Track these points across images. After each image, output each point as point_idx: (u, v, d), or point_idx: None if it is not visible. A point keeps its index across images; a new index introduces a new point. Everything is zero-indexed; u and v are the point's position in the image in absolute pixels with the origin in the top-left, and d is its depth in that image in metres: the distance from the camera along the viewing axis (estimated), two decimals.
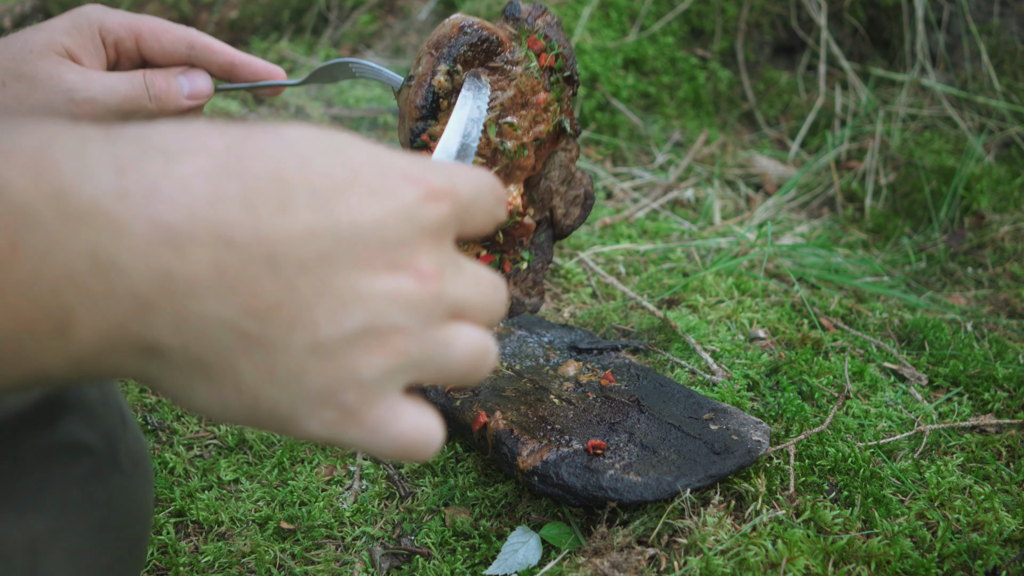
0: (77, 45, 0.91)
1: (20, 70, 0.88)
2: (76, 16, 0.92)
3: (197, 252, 0.40)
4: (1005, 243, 1.63)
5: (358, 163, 0.45)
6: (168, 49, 0.94)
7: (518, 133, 0.99)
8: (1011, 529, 0.93)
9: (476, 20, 0.96)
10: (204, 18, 2.24)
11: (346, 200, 0.44)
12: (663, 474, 0.92)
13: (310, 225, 0.43)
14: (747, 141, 2.03)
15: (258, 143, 0.44)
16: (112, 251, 0.39)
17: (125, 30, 0.93)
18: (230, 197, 0.41)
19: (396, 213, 0.45)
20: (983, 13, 2.01)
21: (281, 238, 0.42)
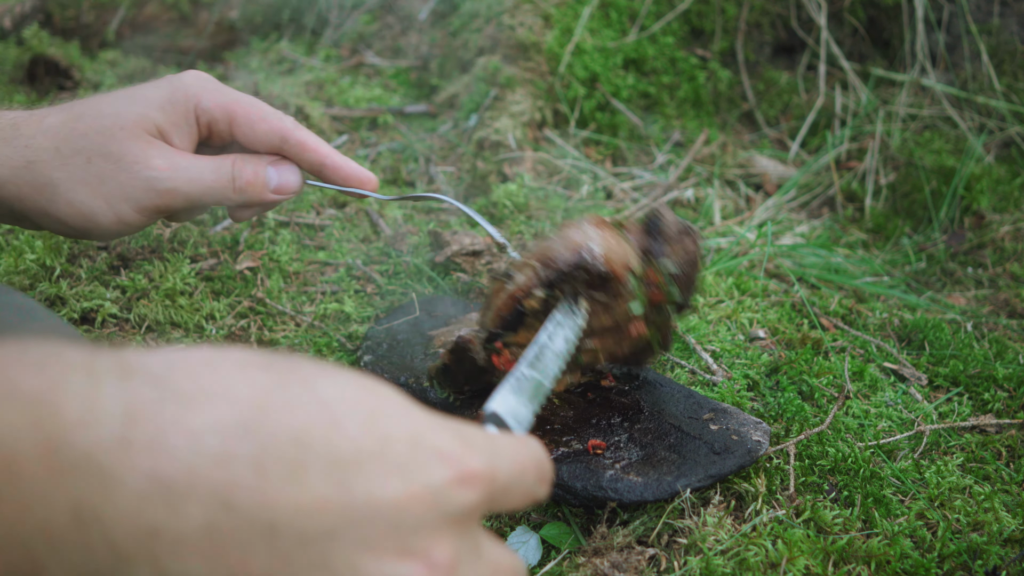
0: (170, 123, 0.87)
1: (107, 148, 0.84)
2: (174, 90, 0.88)
3: (191, 510, 0.38)
4: (1005, 243, 1.63)
5: (391, 433, 0.42)
6: (261, 138, 0.90)
7: (598, 353, 0.93)
8: (1011, 529, 0.93)
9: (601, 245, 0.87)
10: (204, 18, 2.24)
11: (367, 474, 0.41)
12: (663, 474, 0.92)
13: (321, 497, 0.39)
14: (747, 141, 2.03)
15: (289, 397, 0.41)
16: (98, 505, 0.37)
17: (220, 112, 0.89)
18: (241, 457, 0.39)
19: (419, 495, 0.41)
20: (983, 13, 2.01)
21: (286, 507, 0.39)
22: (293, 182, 0.93)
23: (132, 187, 0.85)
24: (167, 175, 0.86)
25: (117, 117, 0.85)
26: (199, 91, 0.89)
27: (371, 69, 2.09)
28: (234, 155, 0.90)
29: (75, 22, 2.23)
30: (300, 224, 1.47)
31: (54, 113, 0.86)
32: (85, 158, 0.84)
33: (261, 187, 0.91)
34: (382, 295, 1.34)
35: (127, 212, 0.86)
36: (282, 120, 0.91)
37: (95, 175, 0.84)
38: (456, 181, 1.71)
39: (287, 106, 1.77)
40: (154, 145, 0.86)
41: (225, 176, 0.88)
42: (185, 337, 1.22)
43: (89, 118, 0.85)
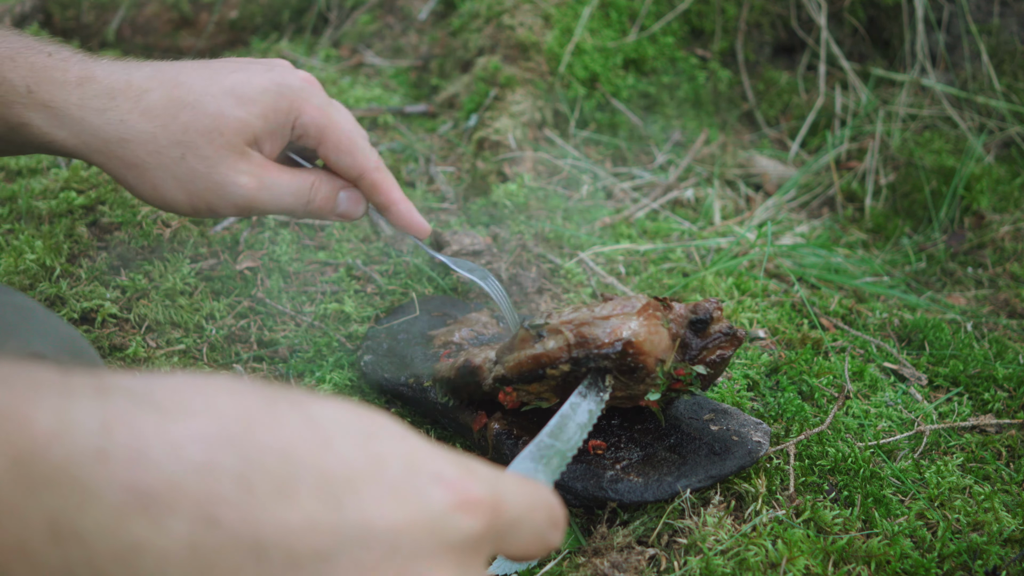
0: (267, 132, 0.90)
1: (204, 151, 0.87)
2: (279, 97, 0.90)
3: (174, 525, 0.35)
4: (1005, 243, 1.63)
5: (386, 454, 0.40)
6: (342, 168, 0.95)
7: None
8: (1011, 529, 0.93)
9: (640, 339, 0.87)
10: (204, 18, 2.24)
11: (361, 495, 0.38)
12: (663, 474, 0.92)
13: (311, 517, 0.37)
14: (747, 141, 2.03)
15: (277, 414, 0.39)
16: (76, 520, 0.35)
17: (315, 131, 0.92)
18: (225, 470, 0.36)
19: (416, 520, 0.39)
20: (983, 13, 2.01)
21: (274, 526, 0.37)
22: (358, 212, 0.99)
23: (216, 193, 0.89)
24: (252, 194, 0.90)
25: (219, 119, 0.87)
26: (303, 104, 0.91)
27: (371, 69, 2.09)
28: (313, 176, 0.95)
29: (75, 22, 2.23)
30: (300, 224, 1.47)
31: (155, 89, 0.86)
32: (180, 153, 0.87)
33: (329, 211, 0.97)
34: (382, 295, 1.34)
35: (203, 209, 0.91)
36: (365, 158, 0.95)
37: (186, 171, 0.87)
38: (456, 181, 1.71)
39: None
40: (246, 158, 0.89)
41: (303, 198, 0.93)
42: (185, 337, 1.23)
43: (191, 111, 0.86)
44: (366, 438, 0.40)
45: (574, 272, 1.41)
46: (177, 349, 1.21)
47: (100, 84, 0.85)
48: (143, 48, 2.23)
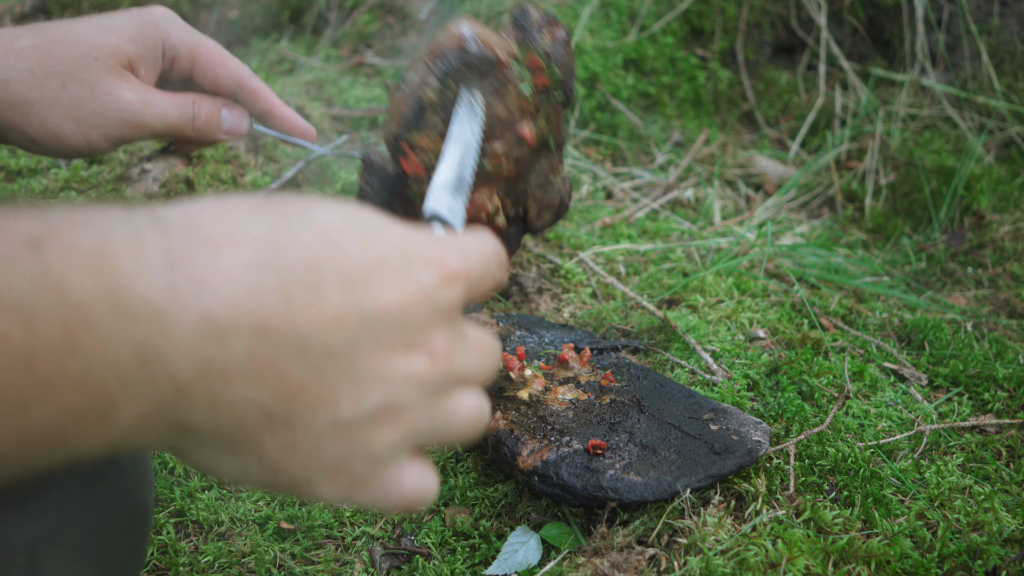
0: (139, 56, 0.93)
1: (82, 75, 0.90)
2: (144, 24, 0.94)
3: (236, 342, 0.43)
4: (1005, 243, 1.63)
5: (384, 248, 0.48)
6: (220, 81, 0.98)
7: (500, 157, 0.98)
8: (1011, 529, 0.93)
9: (479, 33, 0.94)
10: (204, 18, 2.24)
11: (372, 286, 0.47)
12: (663, 474, 0.92)
13: (339, 312, 0.45)
14: (747, 141, 2.03)
15: (294, 230, 0.46)
16: (159, 344, 0.41)
17: (186, 50, 0.96)
18: (268, 289, 0.44)
19: (416, 298, 0.48)
20: (983, 13, 2.01)
21: (312, 327, 0.45)
22: (243, 126, 1.02)
23: (103, 115, 0.91)
24: (137, 108, 0.92)
25: (92, 46, 0.90)
26: (168, 27, 0.95)
27: (371, 69, 2.09)
28: (193, 95, 0.97)
29: None
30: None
31: (24, 35, 0.91)
32: (60, 82, 0.90)
33: (215, 127, 0.99)
34: None
35: (96, 137, 0.93)
36: (240, 68, 0.99)
37: (69, 99, 0.90)
38: None
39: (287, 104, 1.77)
40: (125, 77, 0.92)
41: (187, 114, 0.96)
42: None
43: (63, 44, 0.90)
44: (366, 235, 0.48)
45: (574, 272, 1.41)
46: None
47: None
48: None
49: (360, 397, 0.46)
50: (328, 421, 0.46)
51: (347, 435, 0.46)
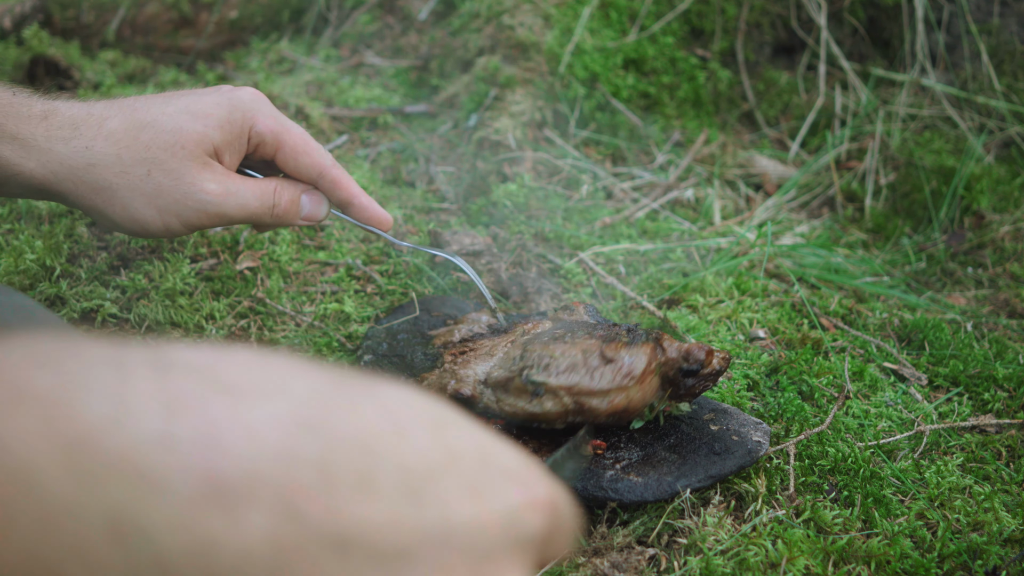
0: (225, 143, 0.94)
1: (168, 165, 0.90)
2: (233, 109, 0.94)
3: (254, 519, 0.32)
4: (1005, 243, 1.63)
5: (460, 447, 0.39)
6: (302, 170, 0.99)
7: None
8: (1011, 529, 0.93)
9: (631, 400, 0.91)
10: (204, 18, 2.24)
11: (440, 490, 0.37)
12: (663, 474, 0.92)
13: (394, 512, 0.36)
14: (747, 141, 2.03)
15: (351, 398, 0.37)
16: (140, 515, 0.31)
17: (271, 137, 0.96)
18: (307, 459, 0.34)
19: (495, 517, 0.38)
20: (983, 13, 2.01)
21: (357, 520, 0.35)
22: (321, 213, 1.02)
23: (184, 205, 0.92)
24: (219, 200, 0.93)
25: (179, 134, 0.91)
26: (255, 114, 0.95)
27: (371, 69, 2.09)
28: (275, 182, 0.98)
29: (75, 22, 2.23)
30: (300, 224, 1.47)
31: (114, 116, 0.91)
32: (146, 170, 0.90)
33: (294, 214, 1.00)
34: (382, 295, 1.34)
35: (175, 224, 0.94)
36: (323, 157, 0.99)
37: (153, 187, 0.91)
38: (456, 181, 1.71)
39: (287, 106, 1.77)
40: (209, 168, 0.93)
41: (267, 203, 0.96)
42: (185, 337, 1.22)
43: (152, 130, 0.90)
44: (438, 428, 0.39)
45: (574, 272, 1.41)
46: None
47: (63, 116, 0.90)
48: (143, 48, 2.23)
49: None
50: None
51: None
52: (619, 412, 0.92)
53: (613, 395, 0.90)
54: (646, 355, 0.91)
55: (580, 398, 0.91)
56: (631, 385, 0.90)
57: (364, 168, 1.69)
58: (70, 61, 1.93)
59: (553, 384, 0.91)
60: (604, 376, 0.90)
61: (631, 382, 0.90)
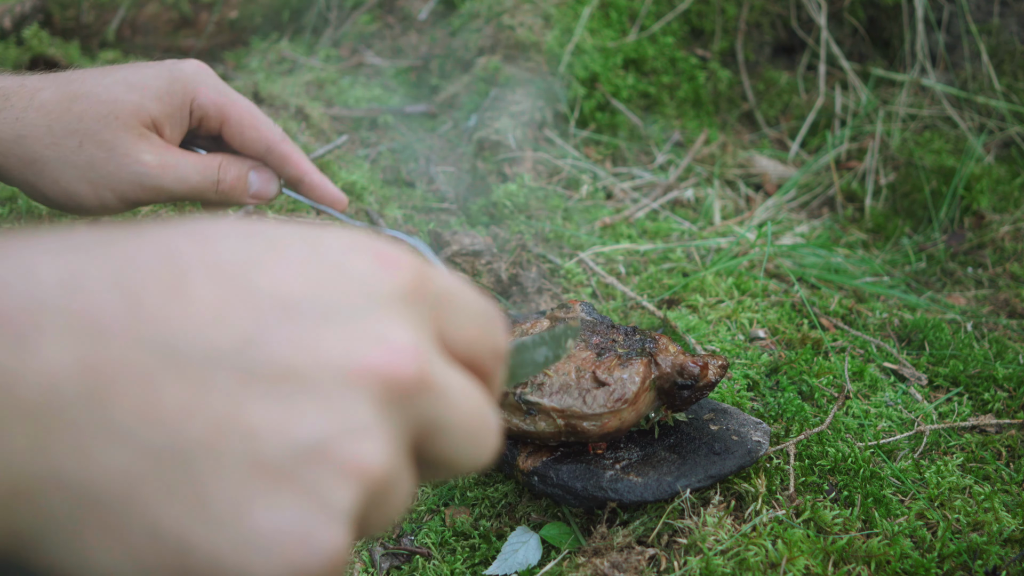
0: (164, 114, 0.89)
1: (101, 136, 0.86)
2: (173, 80, 0.89)
3: (50, 346, 0.30)
4: (1005, 243, 1.63)
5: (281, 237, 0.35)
6: (248, 144, 0.93)
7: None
8: (1011, 529, 0.93)
9: (627, 421, 0.91)
10: (204, 18, 2.24)
11: (268, 270, 0.34)
12: (663, 474, 0.92)
13: (217, 305, 0.32)
14: (747, 141, 2.03)
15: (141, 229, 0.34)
16: None
17: (215, 110, 0.91)
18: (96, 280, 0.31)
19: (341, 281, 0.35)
20: (983, 13, 2.01)
21: (177, 324, 0.31)
22: (271, 190, 0.96)
23: (119, 178, 0.87)
24: (156, 172, 0.88)
25: (114, 104, 0.86)
26: (198, 85, 0.90)
27: (371, 69, 2.09)
28: (220, 156, 0.92)
29: (75, 22, 2.23)
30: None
31: (47, 87, 0.87)
32: (77, 141, 0.86)
33: (241, 191, 0.93)
34: None
35: (110, 199, 0.88)
36: (271, 130, 0.93)
37: (85, 160, 0.86)
38: (456, 181, 1.71)
39: (287, 106, 1.77)
40: (146, 138, 0.87)
41: (210, 178, 0.91)
42: None
43: (85, 100, 0.86)
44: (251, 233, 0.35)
45: (574, 272, 1.41)
46: None
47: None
48: (143, 48, 2.23)
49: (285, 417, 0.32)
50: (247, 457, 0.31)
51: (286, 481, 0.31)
52: (611, 433, 0.92)
53: (606, 419, 0.91)
54: (639, 375, 0.92)
55: (572, 421, 0.91)
56: (624, 409, 0.91)
57: (364, 168, 1.69)
58: (70, 61, 1.93)
59: (547, 406, 0.92)
60: (597, 400, 0.91)
61: (624, 406, 0.91)
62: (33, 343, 0.29)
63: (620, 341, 0.98)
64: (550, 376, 0.94)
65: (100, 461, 0.30)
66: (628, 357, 0.93)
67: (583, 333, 0.99)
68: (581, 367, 0.93)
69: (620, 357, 0.93)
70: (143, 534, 0.30)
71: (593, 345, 0.96)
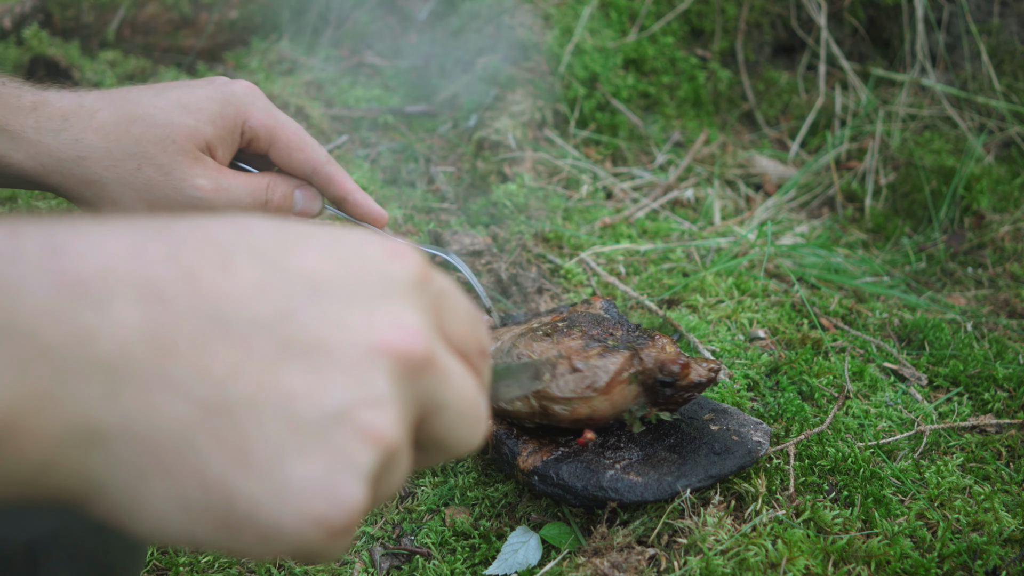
0: (218, 137, 0.92)
1: (159, 159, 0.89)
2: (226, 103, 0.92)
3: (122, 308, 0.34)
4: (1005, 243, 1.63)
5: (308, 232, 0.40)
6: (294, 165, 0.97)
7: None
8: (1011, 529, 0.93)
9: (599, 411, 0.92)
10: (204, 18, 2.24)
11: (299, 257, 0.39)
12: (663, 474, 0.92)
13: (259, 281, 0.37)
14: (747, 141, 2.03)
15: (187, 217, 0.39)
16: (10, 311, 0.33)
17: (264, 132, 0.94)
18: (156, 256, 0.36)
19: (360, 267, 0.39)
20: (983, 13, 2.01)
21: (225, 294, 0.36)
22: (315, 208, 1.01)
23: (175, 200, 0.91)
24: (209, 196, 0.92)
25: (170, 128, 0.89)
26: (249, 108, 0.94)
27: (371, 69, 2.09)
28: (268, 177, 0.97)
29: (75, 22, 2.23)
30: None
31: (105, 108, 0.90)
32: (136, 164, 0.89)
33: (287, 210, 0.98)
34: None
35: None
36: (316, 153, 0.97)
37: (143, 181, 0.89)
38: (456, 181, 1.71)
39: (287, 106, 1.77)
40: (200, 162, 0.91)
41: (259, 199, 0.95)
42: None
43: (142, 123, 0.89)
44: (281, 223, 0.41)
45: (574, 272, 1.41)
46: None
47: (53, 107, 0.89)
48: (143, 48, 2.23)
49: (318, 384, 0.36)
50: (284, 415, 0.35)
51: (317, 439, 0.35)
52: (583, 420, 0.93)
53: (576, 404, 0.92)
54: (615, 366, 0.93)
55: (544, 403, 0.93)
56: (594, 396, 0.92)
57: (364, 168, 1.69)
58: (70, 61, 1.93)
59: (528, 397, 0.94)
60: (568, 384, 0.93)
61: (593, 393, 0.92)
62: (108, 305, 0.34)
63: (617, 336, 0.99)
64: (532, 359, 0.95)
65: (163, 411, 0.34)
66: (613, 349, 0.94)
67: (582, 326, 1.00)
68: (565, 353, 0.95)
69: (605, 348, 0.94)
70: (194, 481, 0.34)
71: (589, 336, 0.97)
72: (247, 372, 0.35)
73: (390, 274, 0.40)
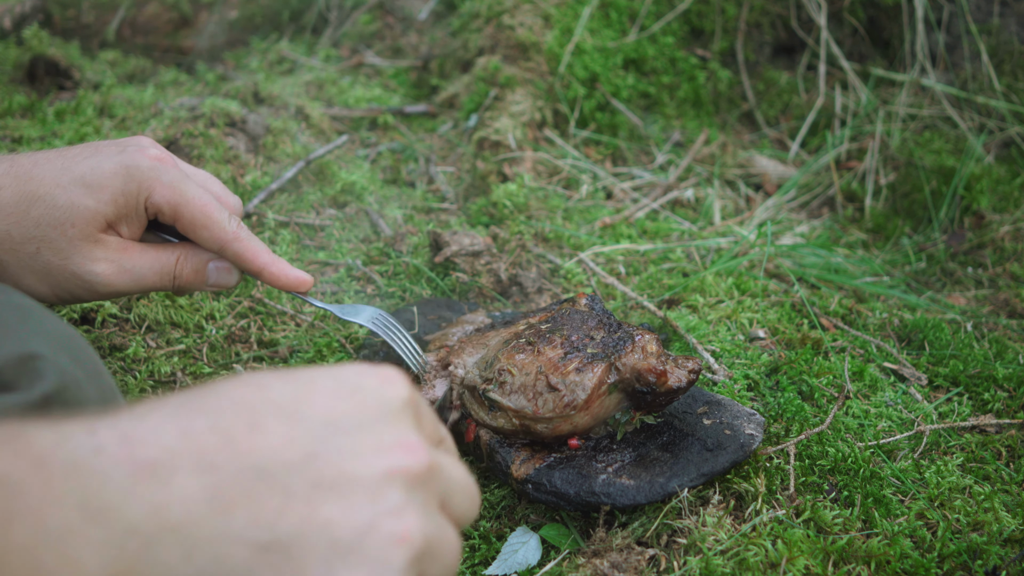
0: (120, 216, 0.90)
1: (57, 244, 0.87)
2: (128, 180, 0.89)
3: (184, 480, 0.43)
4: (1005, 243, 1.62)
5: (312, 376, 0.50)
6: (201, 242, 0.94)
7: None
8: (1011, 529, 0.93)
9: (579, 425, 0.96)
10: (204, 18, 2.24)
11: (312, 403, 0.48)
12: (655, 475, 0.92)
13: (285, 433, 0.46)
14: (747, 141, 2.03)
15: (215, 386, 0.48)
16: (100, 497, 0.41)
17: (168, 208, 0.91)
18: (201, 429, 0.45)
19: (361, 400, 0.49)
20: (983, 13, 2.01)
21: (261, 450, 0.45)
22: (231, 281, 0.98)
23: (75, 284, 0.89)
24: (109, 280, 0.90)
25: (70, 210, 0.87)
26: (153, 183, 0.90)
27: (371, 69, 2.09)
28: (178, 251, 0.94)
29: (75, 22, 2.23)
30: (300, 224, 1.47)
31: (8, 186, 0.87)
32: (35, 247, 0.87)
33: (200, 284, 0.96)
34: (382, 296, 1.34)
35: (68, 299, 0.92)
36: (223, 231, 0.93)
37: (41, 265, 0.88)
38: (456, 181, 1.71)
39: (287, 106, 1.77)
40: (101, 245, 0.89)
41: (167, 276, 0.94)
42: (185, 337, 1.22)
43: (43, 205, 0.87)
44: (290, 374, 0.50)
45: (574, 272, 1.41)
46: (177, 349, 1.21)
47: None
48: (143, 48, 2.23)
49: (349, 509, 0.45)
50: (327, 541, 0.44)
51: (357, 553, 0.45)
52: (565, 436, 0.95)
53: (556, 422, 0.94)
54: (591, 383, 0.93)
55: (525, 422, 0.94)
56: (574, 414, 0.93)
57: (364, 168, 1.69)
58: (70, 61, 1.93)
59: (504, 404, 0.95)
60: (547, 404, 0.94)
61: (572, 412, 0.93)
62: (172, 479, 0.42)
63: (597, 340, 0.98)
64: (513, 375, 0.96)
65: (230, 558, 0.42)
66: (589, 361, 0.94)
67: (564, 330, 1.00)
68: (543, 368, 0.96)
69: (581, 360, 0.94)
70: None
71: (569, 343, 0.98)
72: (290, 511, 0.44)
73: (386, 400, 0.50)
